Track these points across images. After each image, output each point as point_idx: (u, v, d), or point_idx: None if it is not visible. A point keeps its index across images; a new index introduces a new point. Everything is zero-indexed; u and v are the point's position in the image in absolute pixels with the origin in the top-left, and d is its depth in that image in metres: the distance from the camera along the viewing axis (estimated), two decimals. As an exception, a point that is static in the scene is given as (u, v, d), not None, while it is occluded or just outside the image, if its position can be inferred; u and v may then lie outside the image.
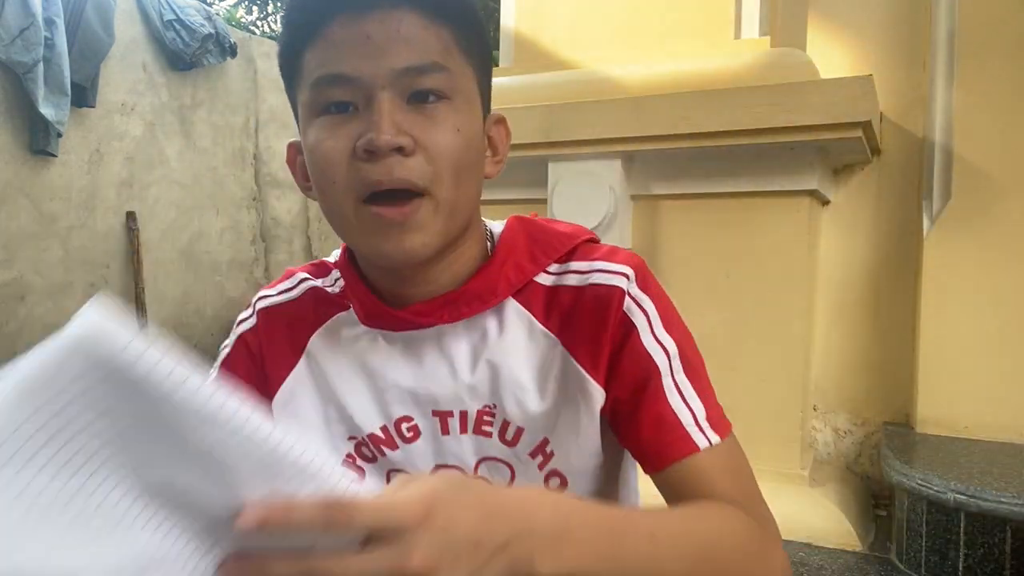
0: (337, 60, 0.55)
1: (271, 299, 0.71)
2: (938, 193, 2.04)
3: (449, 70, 0.57)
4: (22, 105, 3.24)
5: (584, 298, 0.63)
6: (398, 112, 0.56)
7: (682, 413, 0.60)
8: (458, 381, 0.64)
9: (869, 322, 2.22)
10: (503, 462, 0.66)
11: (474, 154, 0.60)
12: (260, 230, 4.60)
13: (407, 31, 0.55)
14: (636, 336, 0.62)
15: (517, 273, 0.65)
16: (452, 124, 0.57)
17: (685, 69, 2.05)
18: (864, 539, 1.87)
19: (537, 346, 0.64)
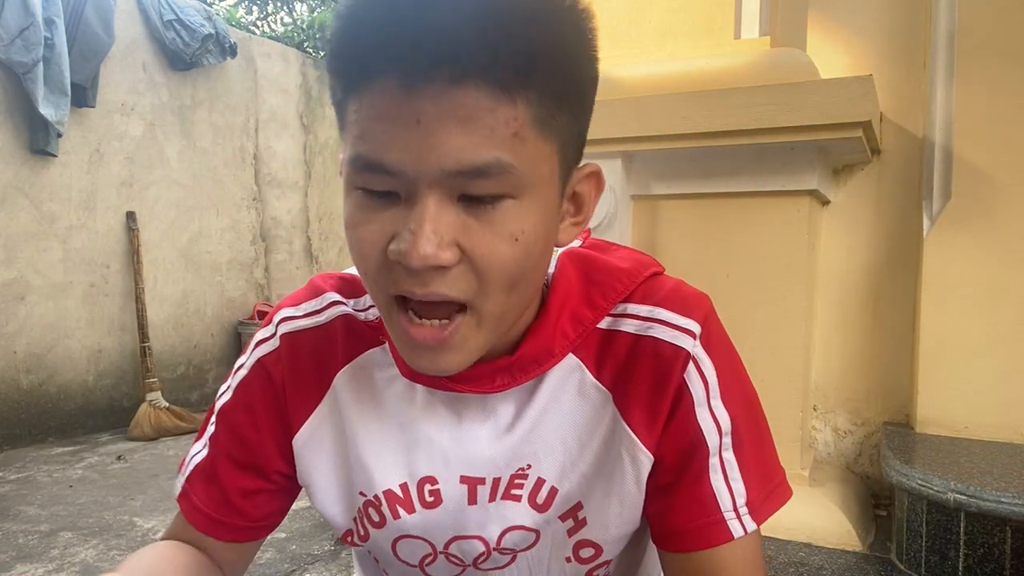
0: (379, 142, 0.44)
1: (296, 323, 0.63)
2: (938, 193, 2.04)
3: (515, 166, 0.44)
4: (22, 105, 3.24)
5: (643, 352, 0.56)
6: (445, 215, 0.45)
7: (722, 496, 0.55)
8: (497, 443, 0.58)
9: (869, 322, 2.22)
10: (529, 530, 0.59)
11: (537, 255, 0.49)
12: (260, 230, 4.60)
13: (468, 113, 0.42)
14: (690, 407, 0.55)
15: (575, 326, 0.56)
16: (511, 230, 0.46)
17: (685, 69, 2.05)
18: (864, 539, 1.87)
19: (586, 400, 0.57)
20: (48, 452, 3.21)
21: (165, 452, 3.22)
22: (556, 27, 0.45)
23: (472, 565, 0.61)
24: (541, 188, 0.47)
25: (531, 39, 0.43)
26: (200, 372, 4.20)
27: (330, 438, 0.61)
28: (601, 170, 0.54)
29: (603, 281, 0.58)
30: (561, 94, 0.46)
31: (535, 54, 0.43)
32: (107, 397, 3.69)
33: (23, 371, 3.33)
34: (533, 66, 0.43)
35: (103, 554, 2.05)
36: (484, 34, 0.41)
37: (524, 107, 0.43)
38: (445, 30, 0.41)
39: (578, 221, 0.54)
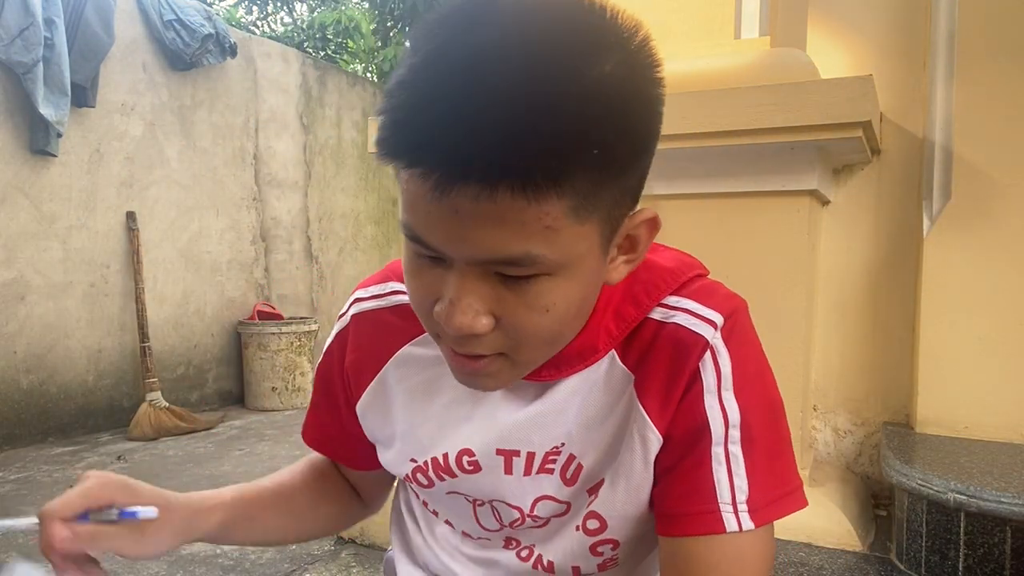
0: (422, 223, 0.47)
1: (363, 304, 0.70)
2: (938, 193, 2.04)
3: (546, 255, 0.46)
4: (22, 105, 3.24)
5: (663, 338, 0.58)
6: (482, 286, 0.48)
7: (721, 486, 0.55)
8: (531, 419, 0.61)
9: (869, 322, 2.22)
10: (561, 502, 0.63)
11: (573, 315, 0.52)
12: (260, 230, 4.60)
13: (501, 213, 0.43)
14: (699, 393, 0.56)
15: (618, 323, 0.59)
16: (544, 303, 0.49)
17: (685, 69, 2.05)
18: (864, 539, 1.87)
19: (612, 381, 0.60)
20: (48, 452, 3.21)
21: (165, 452, 3.22)
22: (602, 112, 0.44)
23: (508, 526, 0.67)
24: (580, 261, 0.49)
25: (564, 138, 0.43)
26: (200, 372, 4.20)
27: (383, 410, 0.69)
28: (657, 216, 0.54)
29: (647, 279, 0.60)
30: (604, 177, 0.46)
31: (568, 153, 0.43)
32: (107, 397, 3.69)
33: (23, 371, 3.33)
34: (566, 165, 0.43)
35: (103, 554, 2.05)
36: (515, 140, 0.42)
37: (557, 202, 0.44)
38: (479, 136, 0.42)
39: (631, 259, 0.55)
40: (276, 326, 4.20)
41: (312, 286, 5.06)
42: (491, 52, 0.43)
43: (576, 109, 0.43)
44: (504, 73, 0.42)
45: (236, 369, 4.38)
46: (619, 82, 0.45)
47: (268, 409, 4.19)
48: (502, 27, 0.44)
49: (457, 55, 0.43)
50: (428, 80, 0.43)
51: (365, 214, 5.58)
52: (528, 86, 0.42)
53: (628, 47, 0.47)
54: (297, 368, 4.25)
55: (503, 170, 0.42)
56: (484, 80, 0.42)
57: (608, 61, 0.45)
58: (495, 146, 0.42)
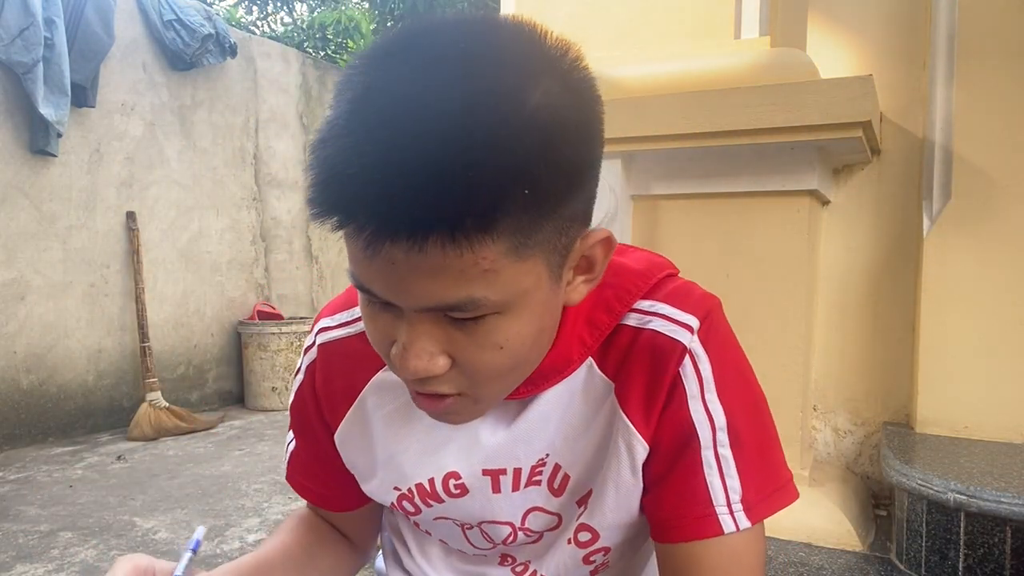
0: (364, 274, 0.46)
1: (331, 333, 0.67)
2: (938, 193, 2.04)
3: (488, 297, 0.45)
4: (22, 105, 3.24)
5: (641, 344, 0.57)
6: (433, 329, 0.48)
7: (715, 490, 0.56)
8: (514, 435, 0.61)
9: (869, 322, 2.22)
10: (551, 513, 0.64)
11: (528, 347, 0.51)
12: (260, 230, 4.60)
13: (435, 264, 0.43)
14: (683, 399, 0.56)
15: (592, 331, 0.58)
16: (496, 341, 0.48)
17: (685, 69, 2.05)
18: (864, 539, 1.87)
19: (592, 389, 0.59)
20: (48, 452, 3.21)
21: (165, 452, 3.22)
22: (522, 153, 0.41)
23: (501, 543, 0.67)
24: (527, 295, 0.47)
25: (491, 184, 0.41)
26: (200, 372, 4.20)
27: (361, 439, 0.67)
28: (611, 235, 0.53)
29: (618, 284, 0.59)
30: (542, 212, 0.44)
31: (497, 198, 0.41)
32: (107, 397, 3.69)
33: (23, 371, 3.33)
34: (496, 211, 0.42)
35: (103, 554, 2.05)
36: (439, 193, 0.40)
37: (492, 246, 0.43)
38: (401, 192, 0.40)
39: (590, 279, 0.54)
40: (276, 326, 4.20)
41: (312, 286, 5.06)
42: (410, 101, 0.41)
43: (501, 152, 0.41)
44: (423, 123, 0.40)
45: (236, 369, 4.38)
46: (548, 113, 0.43)
47: (268, 409, 4.19)
48: (422, 70, 0.42)
49: (375, 107, 0.42)
50: (348, 135, 0.42)
51: (365, 214, 5.58)
52: (448, 135, 0.40)
53: (557, 71, 0.45)
54: (297, 368, 4.25)
55: (430, 224, 0.41)
56: (403, 133, 0.40)
57: (536, 90, 0.43)
58: (418, 201, 0.40)
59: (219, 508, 2.44)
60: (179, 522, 2.30)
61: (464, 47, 0.43)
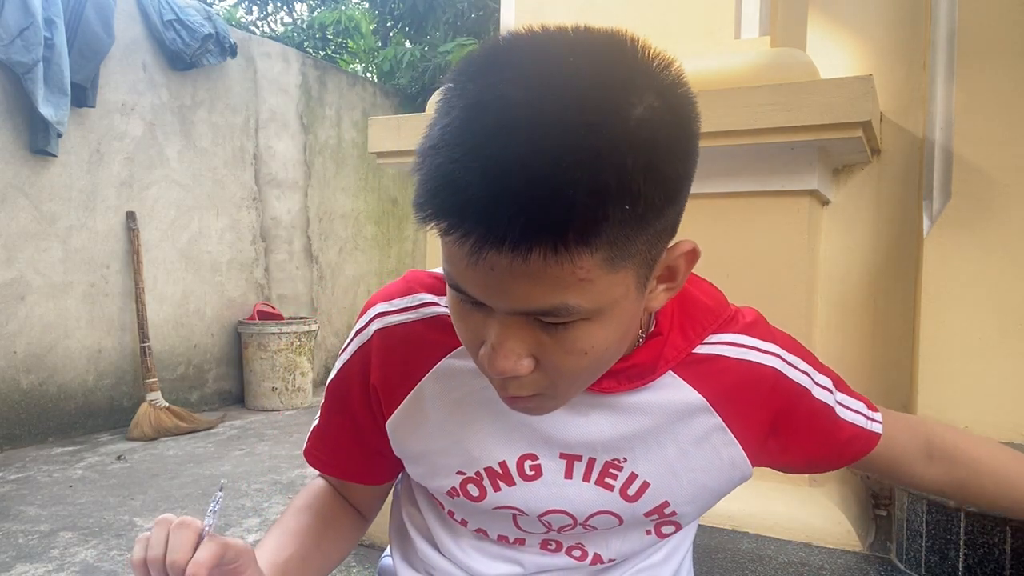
0: (461, 275, 0.48)
1: (389, 318, 0.68)
2: (938, 193, 2.04)
3: (582, 304, 0.47)
4: (22, 105, 3.24)
5: (742, 373, 0.65)
6: (522, 332, 0.50)
7: (858, 420, 0.71)
8: (596, 431, 0.63)
9: (869, 322, 2.22)
10: (615, 515, 0.67)
11: (612, 353, 0.55)
12: (260, 230, 4.60)
13: (535, 271, 0.45)
14: (806, 400, 0.68)
15: (675, 350, 0.64)
16: (581, 347, 0.51)
17: (685, 69, 2.05)
18: (864, 539, 1.87)
19: (689, 413, 0.64)
20: (48, 452, 3.21)
21: (165, 452, 3.22)
22: (625, 167, 0.44)
23: (556, 531, 0.69)
24: (615, 304, 0.50)
25: (594, 198, 0.43)
26: (200, 372, 4.20)
27: (418, 425, 0.67)
28: (696, 247, 0.56)
29: (695, 316, 0.66)
30: (638, 227, 0.46)
31: (599, 212, 0.43)
32: (107, 397, 3.69)
33: (23, 371, 3.33)
34: (597, 224, 0.44)
35: (103, 554, 2.05)
36: (548, 206, 0.42)
37: (590, 257, 0.45)
38: (509, 203, 0.42)
39: (671, 287, 0.57)
40: (276, 326, 4.20)
41: (312, 286, 5.06)
42: (521, 115, 0.43)
43: (606, 169, 0.43)
44: (534, 138, 0.42)
45: (236, 369, 4.38)
46: (650, 128, 0.45)
47: (268, 409, 4.19)
48: (532, 85, 0.44)
49: (488, 118, 0.44)
50: (461, 144, 0.44)
51: (365, 214, 5.58)
52: (557, 150, 0.42)
53: (660, 86, 0.47)
54: (297, 368, 4.25)
55: (534, 235, 0.43)
56: (514, 146, 0.42)
57: (639, 104, 0.45)
58: (526, 213, 0.42)
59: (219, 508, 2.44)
60: (179, 522, 2.31)
61: (567, 57, 0.46)
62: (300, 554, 0.71)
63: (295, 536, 0.73)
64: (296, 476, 2.82)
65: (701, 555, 1.76)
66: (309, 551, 0.73)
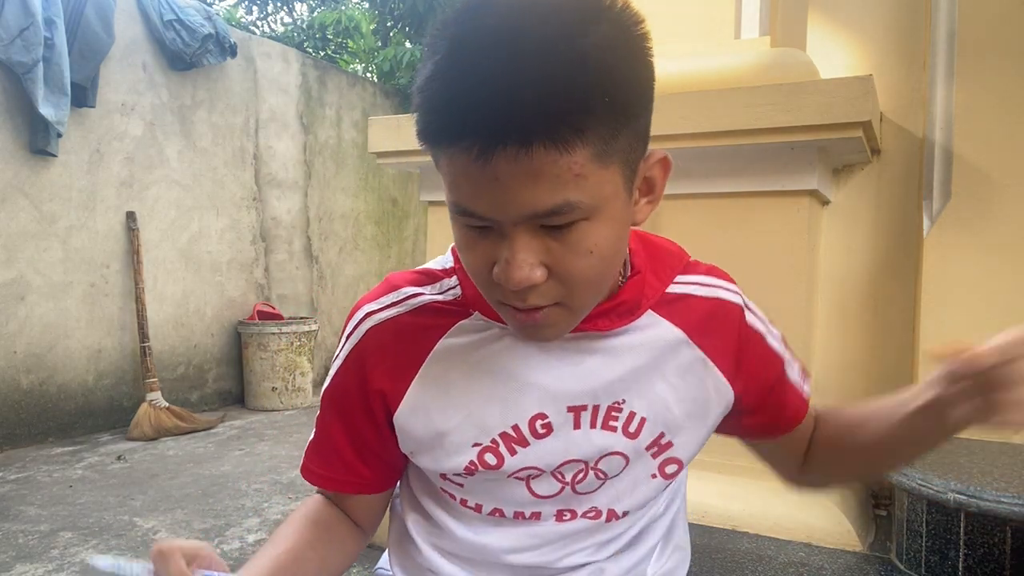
0: (468, 196, 0.54)
1: (379, 315, 0.70)
2: (938, 193, 2.04)
3: (581, 200, 0.53)
4: (22, 105, 3.24)
5: (713, 308, 0.71)
6: (532, 241, 0.54)
7: (798, 383, 0.77)
8: (594, 377, 0.67)
9: (869, 322, 2.22)
10: (622, 455, 0.70)
11: (613, 254, 0.58)
12: (260, 230, 4.60)
13: (537, 168, 0.50)
14: (762, 341, 0.74)
15: (652, 289, 0.69)
16: (587, 246, 0.55)
17: (685, 69, 2.05)
18: (864, 539, 1.87)
19: (671, 348, 0.69)
20: (48, 452, 3.21)
21: (165, 452, 3.22)
22: (603, 67, 0.51)
23: (570, 484, 0.71)
24: (609, 202, 0.55)
25: (581, 93, 0.50)
26: (200, 372, 4.20)
27: (431, 408, 0.69)
28: (668, 156, 0.62)
29: (663, 259, 0.72)
30: (616, 123, 0.53)
31: (588, 106, 0.50)
32: (107, 397, 3.69)
33: (23, 371, 3.33)
34: (587, 117, 0.50)
35: (103, 554, 2.05)
36: (541, 104, 0.49)
37: (583, 150, 0.51)
38: (512, 103, 0.49)
39: (652, 199, 0.63)
40: (276, 326, 4.20)
41: (312, 286, 5.06)
42: (505, 34, 0.50)
43: (585, 70, 0.50)
44: (519, 50, 0.49)
45: (236, 369, 4.38)
46: (614, 40, 0.52)
47: (268, 409, 4.19)
48: (509, 13, 0.51)
49: (476, 42, 0.50)
50: (455, 67, 0.51)
51: (365, 214, 5.58)
52: (542, 57, 0.49)
53: (613, 11, 0.54)
54: (297, 368, 4.25)
55: (535, 130, 0.49)
56: (505, 58, 0.49)
57: (601, 24, 0.52)
58: (526, 110, 0.48)
59: (219, 508, 2.44)
60: (179, 522, 2.30)
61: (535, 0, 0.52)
62: (294, 554, 0.71)
63: (288, 539, 0.72)
64: (296, 476, 2.82)
65: (701, 555, 1.76)
66: (303, 551, 0.72)
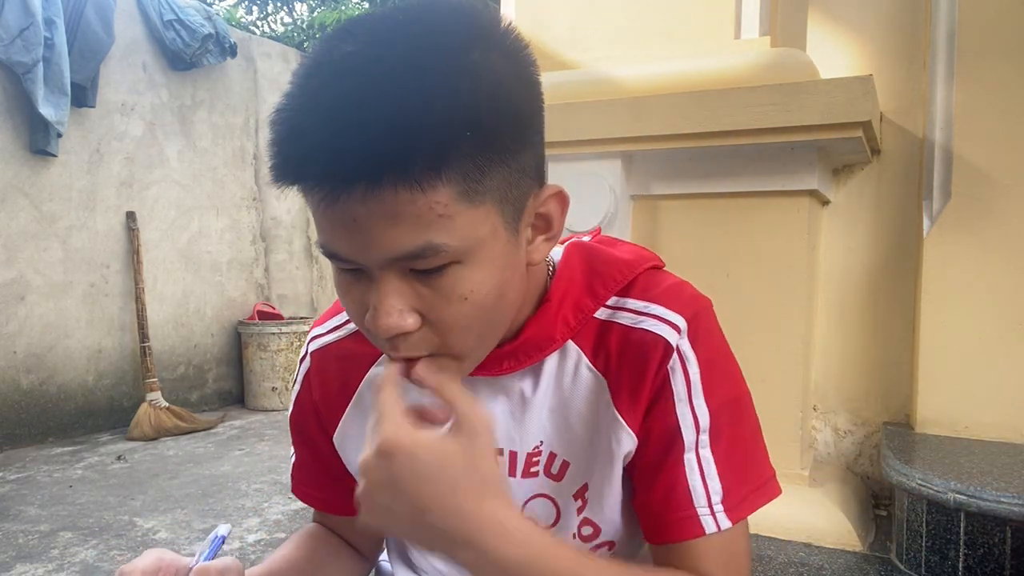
0: (328, 237, 0.49)
1: (322, 339, 0.70)
2: (938, 193, 2.04)
3: (447, 243, 0.47)
4: (22, 105, 3.24)
5: (631, 342, 0.59)
6: (401, 286, 0.49)
7: (697, 492, 0.58)
8: (510, 420, 0.63)
9: (869, 322, 2.22)
10: (549, 498, 0.64)
11: (494, 299, 0.52)
12: (260, 230, 4.60)
13: (392, 209, 0.45)
14: (670, 400, 0.58)
15: (576, 313, 0.61)
16: (461, 292, 0.50)
17: (685, 69, 2.05)
18: (864, 539, 1.87)
19: (584, 384, 0.61)
20: (48, 452, 3.21)
21: (165, 452, 3.22)
22: (469, 96, 0.45)
23: None
24: (484, 244, 0.49)
25: (437, 125, 0.44)
26: (200, 372, 4.20)
27: (360, 435, 0.67)
28: (563, 190, 0.55)
29: (604, 272, 0.62)
30: (487, 160, 0.47)
31: (445, 143, 0.44)
32: (107, 397, 3.69)
33: (23, 371, 3.33)
34: (445, 154, 0.44)
35: (103, 554, 2.05)
36: (391, 139, 0.43)
37: (444, 189, 0.45)
38: (356, 141, 0.43)
39: (550, 236, 0.56)
40: (276, 326, 4.20)
41: (312, 286, 5.06)
42: (356, 61, 0.45)
43: (445, 97, 0.44)
44: (370, 78, 0.44)
45: (236, 369, 4.38)
46: (488, 66, 0.46)
47: (268, 409, 4.19)
48: (368, 38, 0.46)
49: (329, 69, 0.46)
50: (299, 99, 0.46)
51: (365, 214, 5.58)
52: (396, 85, 0.43)
53: (493, 36, 0.49)
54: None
55: (382, 167, 0.43)
56: (348, 92, 0.44)
57: (475, 50, 0.46)
58: (370, 146, 0.43)
59: (219, 508, 2.44)
60: (179, 522, 2.30)
61: (404, 19, 0.47)
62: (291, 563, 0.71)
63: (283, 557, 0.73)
64: (296, 476, 2.82)
65: (701, 555, 1.76)
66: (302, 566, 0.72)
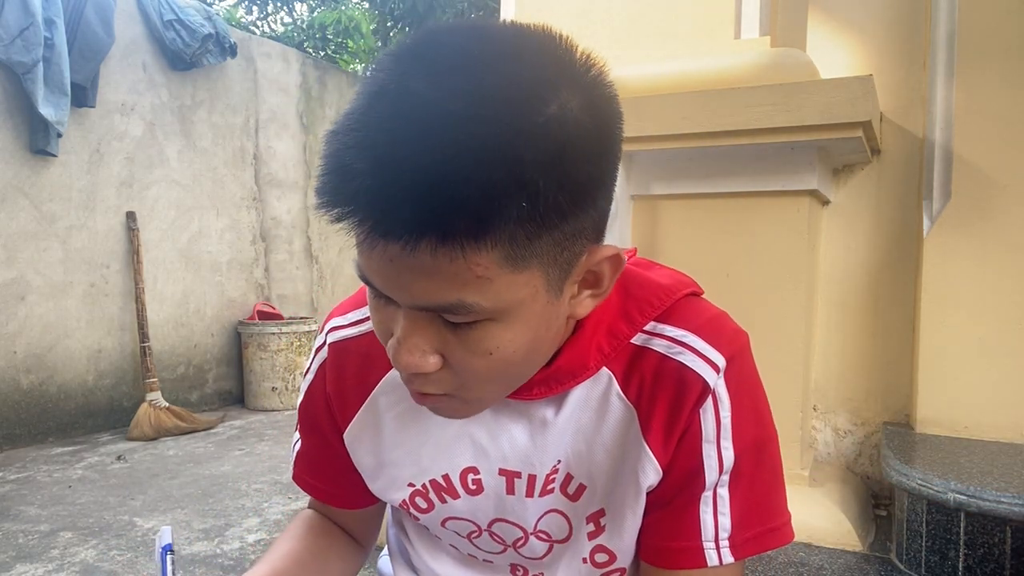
0: (366, 266, 0.47)
1: (342, 332, 0.68)
2: (938, 193, 2.04)
3: (481, 303, 0.45)
4: (22, 105, 3.24)
5: (667, 373, 0.57)
6: (427, 328, 0.48)
7: (706, 526, 0.58)
8: (530, 442, 0.61)
9: (869, 322, 2.22)
10: (563, 515, 0.63)
11: (523, 355, 0.50)
12: (260, 230, 4.60)
13: (431, 266, 0.43)
14: (697, 438, 0.57)
15: (610, 340, 0.58)
16: (486, 347, 0.48)
17: (685, 69, 2.05)
18: (864, 539, 1.87)
19: (613, 412, 0.59)
20: (48, 452, 3.21)
21: (165, 452, 3.22)
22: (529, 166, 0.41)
23: (512, 547, 0.67)
24: (521, 305, 0.47)
25: (486, 192, 0.40)
26: (200, 372, 4.20)
27: (372, 438, 0.67)
28: (620, 253, 0.52)
29: (641, 296, 0.60)
30: (537, 226, 0.43)
31: (491, 208, 0.41)
32: (107, 397, 3.69)
33: (23, 371, 3.33)
34: (489, 220, 0.41)
35: (103, 554, 2.05)
36: (437, 199, 0.40)
37: (487, 254, 0.43)
38: (398, 192, 0.41)
39: (597, 293, 0.53)
40: (276, 326, 4.20)
41: (312, 286, 5.06)
42: (420, 102, 0.41)
43: (502, 161, 0.40)
44: (429, 125, 0.40)
45: (236, 369, 4.38)
46: (561, 127, 0.42)
47: (268, 409, 4.19)
48: (438, 72, 0.42)
49: (386, 105, 0.42)
50: (357, 130, 0.42)
51: (365, 214, 5.57)
52: (450, 139, 0.40)
53: (578, 84, 0.45)
54: (297, 368, 4.25)
55: (421, 227, 0.41)
56: (407, 134, 0.41)
57: (552, 103, 0.42)
58: (412, 203, 0.40)
59: (219, 508, 2.44)
60: (179, 522, 2.30)
61: (483, 50, 0.43)
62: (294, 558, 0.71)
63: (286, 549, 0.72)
64: (296, 476, 2.82)
65: (701, 555, 1.76)
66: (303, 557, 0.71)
